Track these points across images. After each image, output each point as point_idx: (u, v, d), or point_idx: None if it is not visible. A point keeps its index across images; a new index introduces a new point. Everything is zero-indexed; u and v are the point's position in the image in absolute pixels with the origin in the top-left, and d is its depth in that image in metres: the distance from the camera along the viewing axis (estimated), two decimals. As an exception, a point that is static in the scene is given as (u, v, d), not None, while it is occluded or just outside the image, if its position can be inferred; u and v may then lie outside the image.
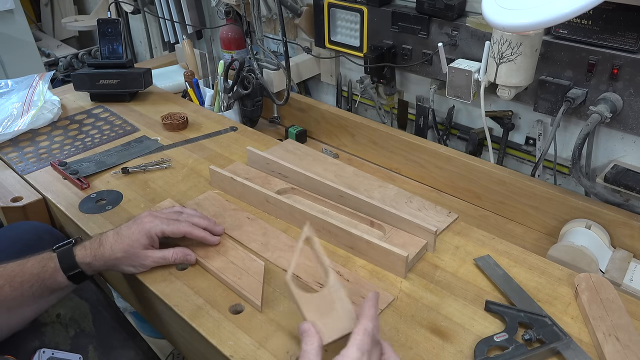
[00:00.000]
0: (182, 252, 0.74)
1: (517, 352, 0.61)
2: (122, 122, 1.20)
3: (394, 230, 0.81)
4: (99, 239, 0.72)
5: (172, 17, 1.70)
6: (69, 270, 0.69)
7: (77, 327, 0.77)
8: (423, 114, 1.18)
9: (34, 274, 0.67)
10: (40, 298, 0.69)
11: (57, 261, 0.69)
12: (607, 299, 0.68)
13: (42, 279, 0.68)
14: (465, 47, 1.03)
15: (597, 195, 0.90)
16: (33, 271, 0.67)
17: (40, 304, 0.70)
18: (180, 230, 0.74)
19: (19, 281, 0.66)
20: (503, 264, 0.76)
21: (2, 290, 0.66)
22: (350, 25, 1.21)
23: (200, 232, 0.75)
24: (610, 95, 0.86)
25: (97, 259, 0.70)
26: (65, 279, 0.69)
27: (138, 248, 0.71)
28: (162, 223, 0.73)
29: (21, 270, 0.67)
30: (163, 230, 0.72)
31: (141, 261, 0.72)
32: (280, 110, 1.38)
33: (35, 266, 0.68)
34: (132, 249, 0.71)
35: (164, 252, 0.73)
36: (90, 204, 0.91)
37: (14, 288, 0.66)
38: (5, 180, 0.99)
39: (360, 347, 0.51)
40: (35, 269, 0.68)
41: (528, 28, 0.77)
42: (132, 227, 0.72)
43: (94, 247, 0.71)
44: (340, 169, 1.00)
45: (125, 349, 0.79)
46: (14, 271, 0.67)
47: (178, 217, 0.76)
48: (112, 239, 0.71)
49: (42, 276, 0.68)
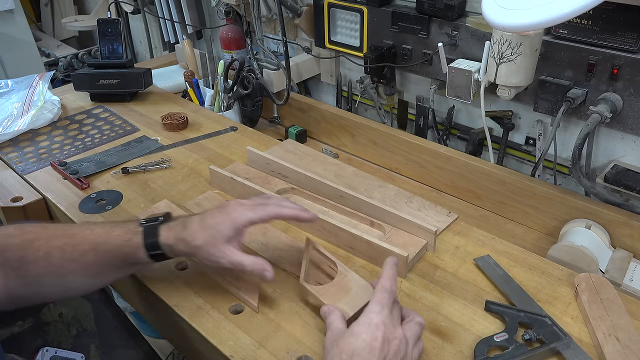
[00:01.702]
0: (261, 265, 0.65)
1: (517, 352, 0.61)
2: (122, 122, 1.20)
3: (394, 230, 0.81)
4: (183, 222, 0.66)
5: (172, 17, 1.70)
6: (151, 249, 0.65)
7: (79, 327, 0.77)
8: (423, 114, 1.18)
9: (118, 245, 0.65)
10: (120, 269, 0.67)
11: (142, 237, 0.65)
12: (607, 299, 0.68)
13: (125, 253, 0.65)
14: (465, 47, 1.03)
15: (597, 195, 0.90)
16: (117, 243, 0.65)
17: (119, 273, 0.69)
18: (269, 214, 0.66)
19: (102, 250, 0.65)
20: (503, 264, 0.76)
21: (86, 256, 0.64)
22: (350, 25, 1.21)
23: (291, 210, 0.67)
24: (610, 95, 0.86)
25: (179, 243, 0.65)
26: (146, 257, 0.65)
27: (220, 240, 0.64)
28: (248, 210, 0.66)
29: (107, 238, 0.65)
30: (251, 219, 0.65)
31: (217, 258, 0.65)
32: (280, 110, 1.38)
33: (120, 238, 0.65)
34: (214, 239, 0.64)
35: (243, 257, 0.65)
36: (90, 204, 0.91)
37: (97, 256, 0.65)
38: (5, 180, 0.99)
39: (380, 301, 0.56)
40: (119, 240, 0.65)
41: (528, 28, 0.77)
42: (217, 216, 0.65)
43: (178, 230, 0.65)
44: (340, 169, 1.00)
45: (127, 349, 0.79)
46: (100, 237, 0.65)
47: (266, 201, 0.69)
48: (195, 225, 0.65)
49: (124, 250, 0.65)
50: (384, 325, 0.55)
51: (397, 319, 0.58)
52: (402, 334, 0.56)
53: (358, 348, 0.53)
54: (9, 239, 0.65)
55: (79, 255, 0.65)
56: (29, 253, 0.64)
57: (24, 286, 0.64)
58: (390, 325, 0.55)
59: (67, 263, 0.64)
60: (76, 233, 0.66)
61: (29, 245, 0.64)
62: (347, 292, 0.65)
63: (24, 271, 0.64)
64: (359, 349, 0.53)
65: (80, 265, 0.65)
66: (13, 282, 0.64)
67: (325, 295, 0.65)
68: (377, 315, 0.55)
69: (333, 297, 0.65)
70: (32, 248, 0.64)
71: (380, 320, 0.55)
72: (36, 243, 0.65)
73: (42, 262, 0.64)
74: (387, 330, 0.54)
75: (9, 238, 0.65)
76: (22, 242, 0.65)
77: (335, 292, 0.66)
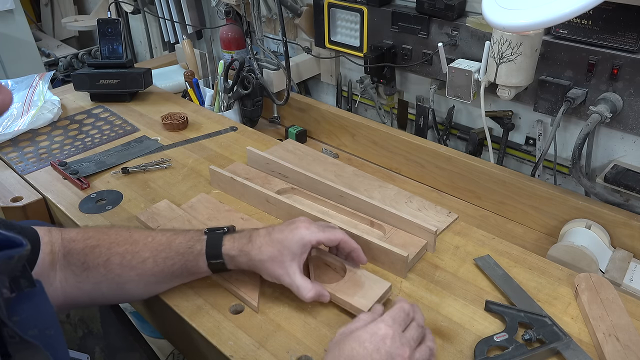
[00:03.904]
0: (320, 292, 0.65)
1: (517, 352, 0.61)
2: (122, 122, 1.20)
3: (394, 230, 0.81)
4: (249, 235, 0.66)
5: (172, 17, 1.70)
6: (212, 258, 0.65)
7: (85, 328, 0.77)
8: (423, 114, 1.18)
9: (180, 252, 0.65)
10: (178, 277, 0.67)
11: (205, 245, 0.65)
12: (607, 299, 0.68)
13: (186, 260, 0.65)
14: (465, 47, 1.03)
15: (597, 195, 0.90)
16: (179, 250, 0.65)
17: (176, 282, 0.68)
18: (337, 237, 0.66)
19: (163, 257, 0.64)
20: (503, 264, 0.76)
21: (145, 264, 0.64)
22: (350, 25, 1.21)
23: (354, 243, 0.68)
24: (610, 95, 0.86)
25: (242, 255, 0.64)
26: (205, 266, 0.65)
27: (287, 257, 0.63)
28: (318, 230, 0.65)
29: (168, 245, 0.65)
30: (319, 239, 0.65)
31: (280, 276, 0.64)
32: (280, 110, 1.38)
33: (182, 245, 0.65)
34: (281, 256, 0.63)
35: (305, 282, 0.64)
36: (90, 204, 0.91)
37: (157, 263, 0.64)
38: (5, 180, 0.99)
39: (394, 316, 0.56)
40: (182, 247, 0.65)
41: (528, 28, 0.77)
42: (285, 232, 0.64)
43: (243, 242, 0.65)
44: (340, 169, 1.00)
45: (130, 352, 0.79)
46: (161, 245, 0.65)
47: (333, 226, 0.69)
48: (262, 239, 0.64)
49: (186, 257, 0.65)
50: (391, 339, 0.53)
51: (410, 339, 0.55)
52: (408, 354, 0.53)
53: (358, 355, 0.52)
54: (72, 244, 0.64)
55: (138, 263, 0.64)
56: (90, 259, 0.63)
57: (81, 292, 0.64)
58: (397, 342, 0.53)
59: (126, 270, 0.64)
60: (137, 240, 0.66)
61: (91, 251, 0.64)
62: (361, 287, 0.68)
63: (84, 277, 0.63)
64: (358, 356, 0.52)
65: (138, 273, 0.65)
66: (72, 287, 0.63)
67: (341, 292, 0.67)
68: (386, 327, 0.54)
69: (348, 291, 0.67)
70: (93, 254, 0.64)
71: (389, 333, 0.53)
72: (97, 249, 0.64)
73: (102, 269, 0.64)
74: (393, 345, 0.53)
75: (72, 243, 0.64)
76: (84, 247, 0.64)
77: (349, 287, 0.68)
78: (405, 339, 0.55)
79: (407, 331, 0.56)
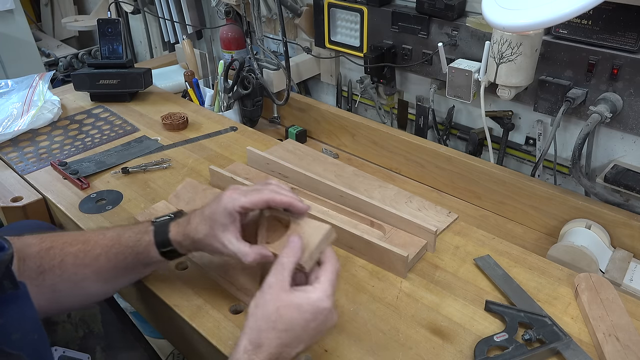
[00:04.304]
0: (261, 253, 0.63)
1: (517, 352, 0.61)
2: (122, 122, 1.20)
3: (394, 230, 0.81)
4: (188, 217, 0.66)
5: (172, 17, 1.70)
6: (162, 246, 0.65)
7: (86, 328, 0.77)
8: (423, 114, 1.18)
9: (129, 246, 0.65)
10: (133, 270, 0.67)
11: (153, 235, 0.65)
12: (607, 299, 0.68)
13: (136, 252, 0.65)
14: (465, 47, 1.03)
15: (597, 195, 0.90)
16: (129, 243, 0.65)
17: (133, 275, 0.69)
18: (262, 199, 0.63)
19: (114, 252, 0.65)
20: (503, 264, 0.76)
21: (98, 260, 0.64)
22: (350, 25, 1.21)
23: (285, 197, 0.63)
24: (610, 95, 0.86)
25: (186, 238, 0.64)
26: (158, 255, 0.65)
27: (218, 229, 0.62)
28: (241, 195, 0.63)
29: (118, 241, 0.65)
30: (242, 204, 0.62)
31: (219, 248, 0.63)
32: (280, 110, 1.38)
33: (131, 238, 0.65)
34: (213, 230, 0.62)
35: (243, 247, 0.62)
36: (90, 204, 0.91)
37: (109, 259, 0.65)
38: (5, 180, 0.99)
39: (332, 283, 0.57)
40: (131, 241, 0.65)
41: (528, 28, 0.77)
42: (213, 205, 0.63)
43: (184, 225, 0.65)
44: (340, 169, 1.00)
45: (131, 351, 0.79)
46: (111, 240, 0.65)
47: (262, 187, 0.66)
48: (197, 218, 0.64)
49: (136, 249, 0.65)
50: (330, 312, 0.55)
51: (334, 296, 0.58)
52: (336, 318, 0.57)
53: (296, 324, 0.53)
54: (28, 249, 0.64)
55: (91, 260, 0.64)
56: (46, 262, 0.64)
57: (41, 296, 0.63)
58: (333, 311, 0.56)
59: (80, 269, 0.64)
60: (89, 239, 0.66)
61: (46, 253, 0.64)
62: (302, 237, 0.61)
63: (41, 280, 0.63)
64: (296, 325, 0.53)
65: (93, 270, 0.65)
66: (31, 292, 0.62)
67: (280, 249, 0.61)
68: (328, 299, 0.55)
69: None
70: (48, 256, 0.64)
71: (329, 306, 0.55)
72: (52, 251, 0.64)
73: (57, 270, 0.64)
74: (329, 316, 0.55)
75: (28, 248, 0.64)
76: (39, 250, 0.64)
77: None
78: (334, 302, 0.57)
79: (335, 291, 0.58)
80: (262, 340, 0.53)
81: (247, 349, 0.53)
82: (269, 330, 0.53)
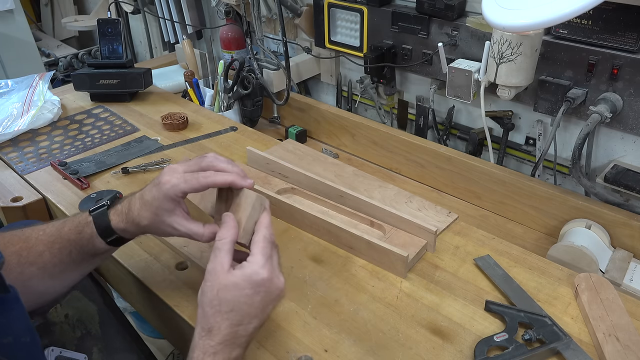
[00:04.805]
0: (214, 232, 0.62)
1: (517, 352, 0.61)
2: (122, 122, 1.20)
3: (394, 230, 0.81)
4: (127, 203, 0.64)
5: (172, 17, 1.70)
6: (106, 236, 0.64)
7: (83, 329, 0.77)
8: (423, 114, 1.18)
9: (72, 240, 0.64)
10: (81, 263, 0.66)
11: (94, 227, 0.64)
12: (607, 299, 0.68)
13: (80, 246, 0.64)
14: (465, 47, 1.03)
15: (597, 195, 0.90)
16: (70, 237, 0.64)
17: (83, 267, 0.67)
18: (201, 184, 0.62)
19: (57, 247, 0.64)
20: (503, 264, 0.76)
21: (42, 257, 0.63)
22: (350, 25, 1.21)
23: (227, 177, 0.62)
24: (610, 95, 0.86)
25: (130, 225, 0.63)
26: (104, 245, 0.64)
27: (164, 215, 0.61)
28: (180, 181, 0.61)
29: (59, 235, 0.64)
30: (183, 190, 0.61)
31: (170, 231, 0.63)
32: (280, 110, 1.38)
33: (72, 232, 0.64)
34: (158, 217, 0.62)
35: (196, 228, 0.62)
36: (90, 204, 0.90)
37: (54, 255, 0.64)
38: (5, 180, 0.99)
39: (265, 252, 0.57)
40: (72, 234, 0.64)
41: (528, 28, 0.77)
42: (153, 191, 0.62)
43: (125, 212, 0.64)
44: (340, 169, 1.00)
45: (129, 352, 0.79)
46: (52, 236, 0.64)
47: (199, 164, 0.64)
48: (138, 204, 0.63)
49: (79, 243, 0.64)
50: (270, 280, 0.55)
51: (277, 264, 0.58)
52: (282, 282, 0.57)
53: (239, 302, 0.54)
54: None
55: (35, 258, 0.63)
56: None
57: None
58: (274, 278, 0.56)
59: (25, 267, 0.63)
60: (29, 236, 0.65)
61: None
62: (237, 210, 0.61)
63: None
64: (239, 304, 0.54)
65: (39, 267, 0.64)
66: None
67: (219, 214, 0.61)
68: (262, 269, 0.55)
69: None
70: None
71: (266, 275, 0.55)
72: None
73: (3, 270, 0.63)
74: (271, 284, 0.55)
75: None
76: None
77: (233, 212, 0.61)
78: (276, 267, 0.57)
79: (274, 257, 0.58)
80: (211, 325, 0.54)
81: (202, 335, 0.54)
82: (215, 315, 0.54)
